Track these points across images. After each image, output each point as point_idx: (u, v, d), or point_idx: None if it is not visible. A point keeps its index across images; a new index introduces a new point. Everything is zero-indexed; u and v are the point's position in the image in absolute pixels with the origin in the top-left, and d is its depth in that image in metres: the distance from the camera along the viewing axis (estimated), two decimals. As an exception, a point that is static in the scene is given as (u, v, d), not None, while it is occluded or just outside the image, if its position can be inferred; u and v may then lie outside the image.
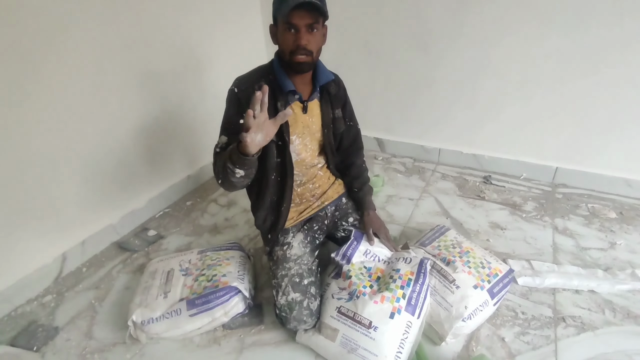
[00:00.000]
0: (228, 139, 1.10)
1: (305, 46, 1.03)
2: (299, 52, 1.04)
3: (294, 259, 1.19)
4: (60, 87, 1.35)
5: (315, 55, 1.08)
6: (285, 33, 1.04)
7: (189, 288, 1.25)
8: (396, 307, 1.10)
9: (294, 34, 1.03)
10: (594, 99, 1.73)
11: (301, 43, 1.03)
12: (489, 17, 1.76)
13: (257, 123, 0.91)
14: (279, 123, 0.97)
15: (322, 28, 1.08)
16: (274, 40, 1.13)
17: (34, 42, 1.25)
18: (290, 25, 1.02)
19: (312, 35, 1.04)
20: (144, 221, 1.81)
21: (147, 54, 1.65)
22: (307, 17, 1.01)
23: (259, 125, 0.91)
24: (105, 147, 1.56)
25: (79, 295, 1.40)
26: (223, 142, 1.11)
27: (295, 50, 1.04)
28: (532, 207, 1.79)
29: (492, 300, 1.20)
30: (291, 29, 1.03)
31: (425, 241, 1.42)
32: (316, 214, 1.32)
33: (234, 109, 1.13)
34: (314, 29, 1.04)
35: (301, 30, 1.02)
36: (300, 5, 0.97)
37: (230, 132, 1.11)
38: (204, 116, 2.01)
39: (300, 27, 1.02)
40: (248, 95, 1.08)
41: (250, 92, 1.08)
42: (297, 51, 1.04)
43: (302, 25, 1.02)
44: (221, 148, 1.10)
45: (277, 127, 0.98)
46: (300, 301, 1.12)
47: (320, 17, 1.04)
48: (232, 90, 1.13)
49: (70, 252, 1.51)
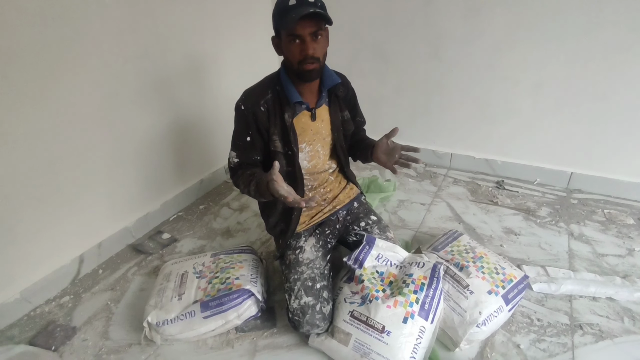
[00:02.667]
0: (237, 155, 1.19)
1: (313, 55, 1.04)
2: (307, 62, 1.04)
3: (306, 263, 1.19)
4: (78, 94, 1.39)
5: (322, 60, 1.09)
6: (290, 44, 1.04)
7: (203, 290, 1.26)
8: (409, 312, 1.10)
9: (299, 44, 1.03)
10: (610, 103, 1.71)
11: (308, 53, 1.03)
12: (501, 21, 1.76)
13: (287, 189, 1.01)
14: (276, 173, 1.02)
15: (325, 32, 1.08)
16: (278, 51, 1.13)
17: (51, 49, 1.29)
18: (294, 36, 1.02)
19: (317, 42, 1.04)
20: (158, 224, 1.84)
21: (161, 61, 1.69)
22: (311, 25, 1.00)
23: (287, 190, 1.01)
24: (121, 152, 1.60)
25: (95, 296, 1.43)
26: (234, 157, 1.20)
27: (303, 60, 1.04)
28: (546, 212, 1.77)
29: (506, 306, 1.19)
30: (296, 39, 1.03)
31: (438, 246, 1.41)
32: (328, 218, 1.33)
33: (241, 126, 1.17)
34: (318, 36, 1.04)
35: (306, 39, 1.02)
36: (303, 17, 0.97)
37: (239, 148, 1.19)
38: (217, 122, 2.05)
39: (305, 37, 1.02)
40: (254, 113, 1.13)
41: (256, 110, 1.13)
42: (305, 60, 1.04)
43: (306, 35, 1.01)
44: (235, 165, 1.20)
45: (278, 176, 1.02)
46: (313, 305, 1.13)
47: (324, 23, 1.04)
48: (239, 106, 1.15)
49: (87, 254, 1.54)
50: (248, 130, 1.15)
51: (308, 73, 1.07)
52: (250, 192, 1.14)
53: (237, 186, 1.20)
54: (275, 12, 1.05)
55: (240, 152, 1.18)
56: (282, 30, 1.04)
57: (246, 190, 1.15)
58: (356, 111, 1.37)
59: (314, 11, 0.96)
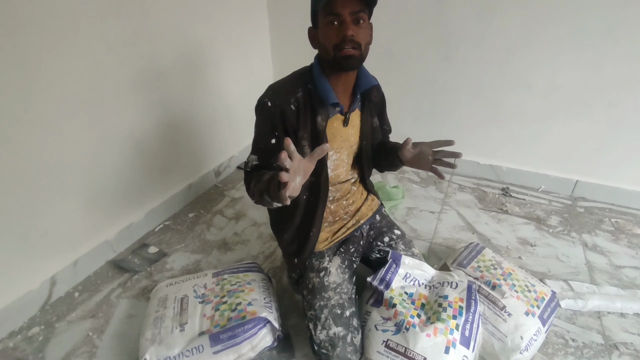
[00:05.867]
0: (258, 159, 0.99)
1: (353, 37, 0.90)
2: (345, 44, 0.90)
3: (332, 288, 1.05)
4: (51, 87, 1.16)
5: (363, 50, 0.94)
6: (327, 28, 0.91)
7: (210, 319, 1.08)
8: (450, 340, 0.99)
9: (338, 26, 0.90)
10: (620, 111, 1.69)
11: (347, 33, 0.89)
12: (517, 21, 1.69)
13: (292, 171, 0.76)
14: (316, 159, 0.81)
15: (368, 23, 0.95)
16: (313, 44, 1.00)
17: (15, 32, 1.05)
18: (332, 15, 0.89)
19: (359, 27, 0.91)
20: (142, 236, 1.62)
21: (149, 51, 1.48)
22: (352, 5, 0.88)
23: (295, 171, 0.78)
24: (100, 154, 1.37)
25: (73, 326, 1.21)
26: (253, 161, 1.00)
27: (341, 42, 0.90)
28: (556, 221, 1.73)
29: (543, 327, 1.11)
30: (334, 21, 0.89)
31: (463, 261, 1.32)
32: (352, 234, 1.19)
33: (266, 126, 0.99)
34: (359, 20, 0.90)
35: (346, 20, 0.89)
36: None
37: (261, 152, 1.00)
38: (207, 121, 1.83)
39: (345, 17, 0.89)
40: (283, 111, 0.96)
41: (285, 108, 0.96)
42: (344, 43, 0.89)
43: (346, 14, 0.88)
44: (252, 168, 1.00)
45: (314, 163, 0.82)
46: (344, 336, 0.99)
47: (366, 7, 0.91)
48: (265, 103, 0.98)
49: (60, 275, 1.31)
50: (274, 131, 0.97)
51: (346, 60, 0.92)
52: (263, 197, 0.90)
53: (248, 186, 0.99)
54: None
55: (262, 156, 0.99)
56: (320, 9, 0.90)
57: (257, 185, 0.93)
58: (383, 118, 1.24)
59: None
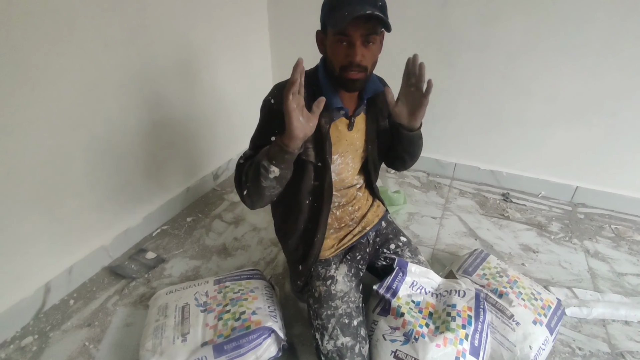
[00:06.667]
0: (254, 153, 0.96)
1: (360, 62, 0.87)
2: (351, 69, 0.88)
3: (340, 297, 1.03)
4: (47, 85, 1.12)
5: (370, 70, 0.92)
6: (335, 45, 0.88)
7: (213, 329, 1.05)
8: (460, 351, 0.97)
9: (346, 47, 0.87)
10: (620, 119, 1.70)
11: (355, 59, 0.86)
12: (520, 28, 1.69)
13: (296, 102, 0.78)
14: (317, 114, 0.83)
15: (380, 37, 0.91)
16: (320, 49, 0.96)
17: (13, 26, 1.02)
18: (343, 36, 0.85)
19: (367, 49, 0.87)
20: (139, 241, 1.58)
21: (148, 49, 1.44)
22: (365, 28, 0.84)
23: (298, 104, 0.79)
24: (96, 156, 1.33)
25: (68, 335, 1.16)
26: (248, 154, 0.98)
27: (347, 66, 0.88)
28: (557, 227, 1.73)
29: (551, 336, 1.10)
30: (343, 41, 0.86)
31: (469, 269, 1.30)
32: (358, 241, 1.17)
33: (268, 123, 0.96)
34: (370, 42, 0.87)
35: (356, 43, 0.85)
36: (357, 17, 0.80)
37: (258, 149, 0.95)
38: (205, 123, 1.79)
39: (355, 39, 0.85)
40: None
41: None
42: (350, 67, 0.87)
43: (357, 38, 0.85)
44: (246, 159, 0.97)
45: (317, 118, 0.84)
46: (352, 346, 0.96)
47: (379, 28, 0.87)
48: (269, 100, 0.96)
49: (54, 282, 1.26)
50: (275, 129, 0.92)
51: (350, 83, 0.90)
52: (259, 166, 0.85)
53: (240, 177, 0.94)
54: (325, 2, 0.87)
55: (259, 150, 0.92)
56: (330, 27, 0.86)
57: (254, 163, 0.88)
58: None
59: (371, 13, 0.80)
